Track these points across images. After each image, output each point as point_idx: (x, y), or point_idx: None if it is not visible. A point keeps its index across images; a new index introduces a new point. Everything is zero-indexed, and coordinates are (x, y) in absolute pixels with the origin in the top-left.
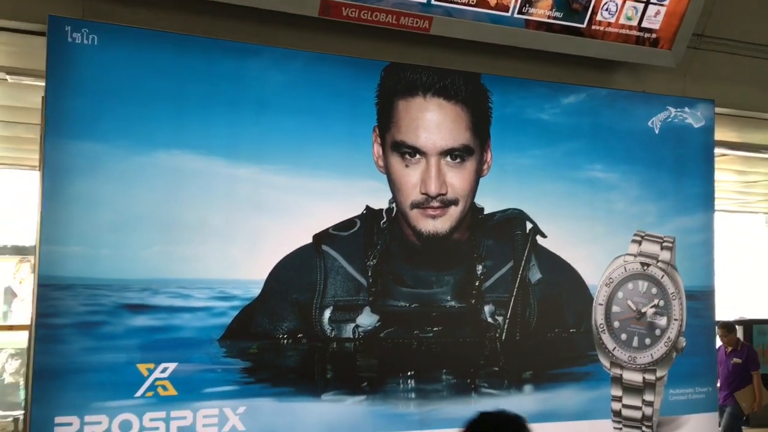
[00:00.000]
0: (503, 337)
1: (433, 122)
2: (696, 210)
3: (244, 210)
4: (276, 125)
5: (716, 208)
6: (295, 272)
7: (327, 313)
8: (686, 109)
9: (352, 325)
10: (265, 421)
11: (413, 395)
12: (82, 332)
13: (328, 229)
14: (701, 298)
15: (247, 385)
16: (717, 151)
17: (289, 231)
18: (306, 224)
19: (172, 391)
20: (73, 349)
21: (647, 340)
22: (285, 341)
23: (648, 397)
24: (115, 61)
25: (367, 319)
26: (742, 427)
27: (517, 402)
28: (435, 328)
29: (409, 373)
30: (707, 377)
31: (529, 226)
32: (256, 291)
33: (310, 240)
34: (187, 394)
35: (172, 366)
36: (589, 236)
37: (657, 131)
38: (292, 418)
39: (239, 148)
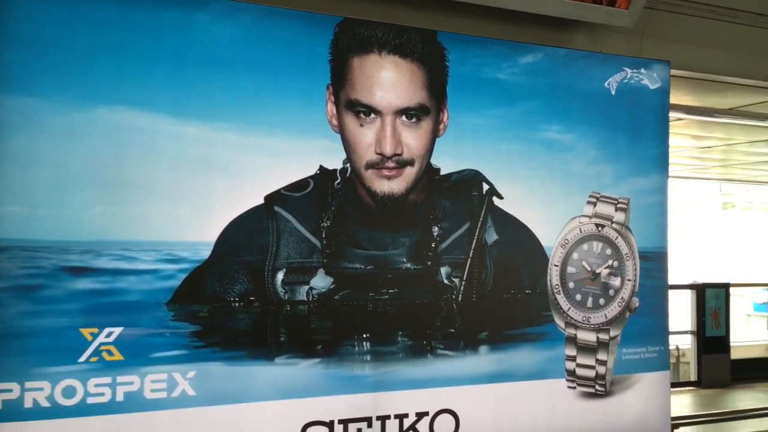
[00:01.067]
0: (459, 299)
1: (388, 80)
2: (651, 172)
3: (193, 169)
4: (226, 81)
5: (672, 174)
6: (247, 234)
7: (280, 276)
8: (642, 70)
9: (306, 287)
10: (217, 386)
11: (368, 357)
12: (20, 296)
13: (280, 189)
14: (654, 259)
15: (197, 349)
16: (672, 115)
17: (240, 191)
18: (258, 184)
19: (117, 356)
20: (10, 313)
21: (601, 301)
22: (236, 304)
23: (601, 356)
24: (53, 12)
25: (321, 282)
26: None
27: (473, 363)
28: (391, 290)
29: (364, 336)
30: (660, 337)
31: (485, 187)
32: (206, 253)
33: (261, 201)
34: (134, 359)
35: (117, 330)
36: (546, 197)
37: (613, 92)
38: (245, 382)
39: (186, 105)
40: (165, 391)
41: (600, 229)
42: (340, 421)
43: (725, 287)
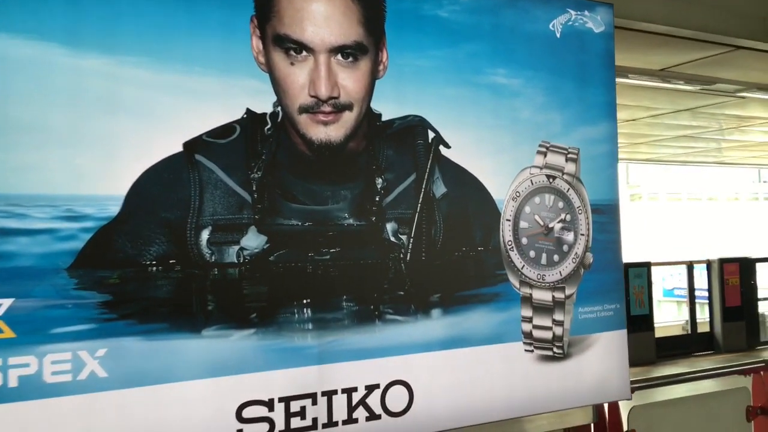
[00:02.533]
0: (408, 258)
1: (320, 14)
2: (599, 120)
3: (96, 110)
4: (132, 7)
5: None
6: (164, 186)
7: (204, 235)
8: (586, 13)
9: (236, 247)
10: (133, 365)
11: (310, 326)
12: None
13: (201, 135)
14: (606, 212)
15: (108, 322)
16: (618, 81)
17: (154, 137)
18: (174, 129)
19: (9, 333)
20: None
21: (555, 257)
22: (154, 268)
23: (558, 316)
24: None
25: (253, 241)
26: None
27: (425, 329)
28: (332, 250)
29: (304, 301)
30: (615, 294)
31: (431, 135)
32: (115, 209)
33: (180, 148)
34: (30, 336)
35: (7, 302)
36: (495, 147)
37: (558, 35)
38: (167, 358)
39: (84, 34)
40: (70, 374)
41: (551, 180)
42: (281, 399)
43: (647, 266)
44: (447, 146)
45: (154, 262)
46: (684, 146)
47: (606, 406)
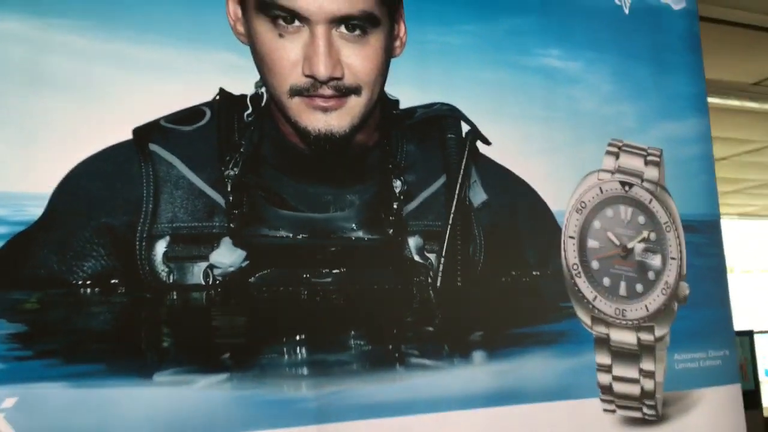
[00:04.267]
0: (438, 283)
1: None
2: (686, 114)
3: (13, 84)
4: None
5: None
6: (105, 183)
7: (160, 247)
8: None
9: (203, 265)
10: (54, 421)
11: (305, 371)
12: None
13: (159, 120)
14: (703, 230)
15: (21, 361)
16: None
17: (94, 120)
18: (123, 111)
19: None
20: None
21: (639, 287)
22: (87, 290)
23: (647, 365)
24: None
25: (226, 256)
26: None
27: (464, 377)
28: (335, 270)
29: (297, 338)
30: (722, 336)
31: (465, 128)
32: (37, 211)
33: (128, 135)
34: None
35: None
36: (549, 145)
37: (627, 10)
38: (103, 413)
39: None
40: None
41: (627, 188)
42: None
43: (749, 335)
44: (487, 142)
45: (88, 282)
46: None
47: None
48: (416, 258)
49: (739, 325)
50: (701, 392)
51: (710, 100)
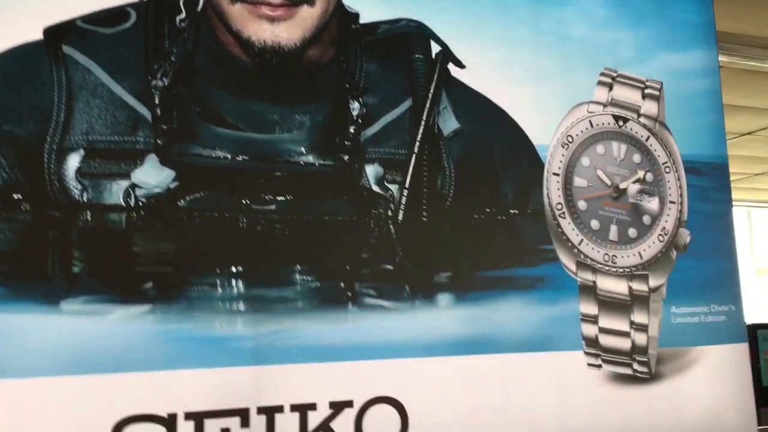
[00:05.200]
0: (400, 217)
1: None
2: (692, 45)
3: None
4: None
5: None
6: (10, 87)
7: (73, 161)
8: None
9: (124, 184)
10: None
11: (241, 306)
12: None
13: (75, 20)
14: (709, 173)
15: None
16: None
17: None
18: (33, 7)
19: None
20: None
21: (632, 232)
22: None
23: (639, 317)
24: None
25: (152, 176)
26: None
27: (428, 322)
28: (280, 198)
29: (233, 269)
30: (727, 290)
31: (435, 48)
32: None
33: (38, 36)
34: None
35: None
36: (533, 72)
37: None
38: (2, 342)
39: None
40: None
41: (622, 123)
42: (189, 416)
43: None
44: (460, 65)
45: None
46: None
47: None
48: (375, 188)
49: (760, 316)
50: (701, 350)
51: (728, 59)
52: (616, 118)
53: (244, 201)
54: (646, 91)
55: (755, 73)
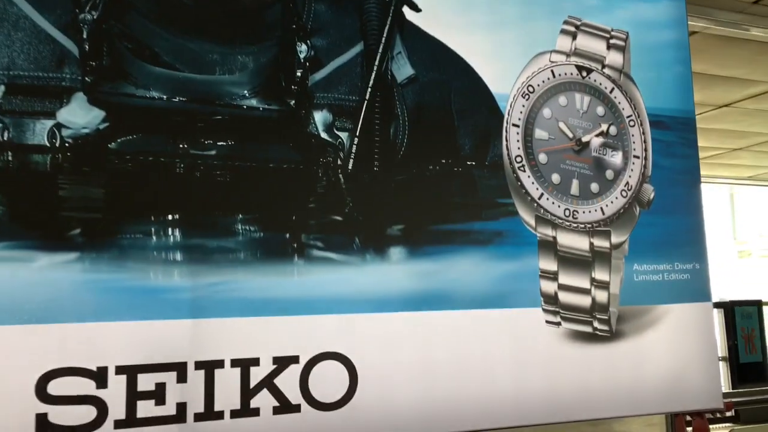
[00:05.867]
0: (350, 166)
1: None
2: None
3: None
4: None
5: None
6: None
7: None
8: None
9: (49, 123)
10: None
11: (178, 256)
12: None
13: None
14: (675, 128)
15: None
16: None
17: None
18: None
19: None
20: None
21: (594, 186)
22: None
23: (600, 274)
24: None
25: (79, 115)
26: None
27: (378, 276)
28: (221, 143)
29: (169, 217)
30: (692, 248)
31: None
32: None
33: None
34: None
35: None
36: (493, 18)
37: None
38: None
39: None
40: None
41: (585, 74)
42: (121, 370)
43: (757, 304)
44: (416, 8)
45: None
46: None
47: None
48: (323, 135)
49: (748, 294)
50: (664, 308)
51: (704, 24)
52: (580, 68)
53: (181, 145)
54: (612, 41)
55: (733, 39)
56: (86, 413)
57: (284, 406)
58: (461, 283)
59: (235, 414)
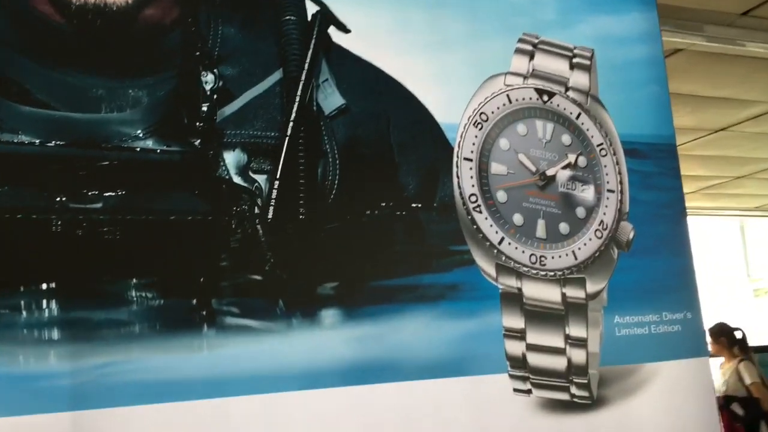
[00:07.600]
0: (270, 215)
1: None
2: (626, 6)
3: None
4: None
5: None
6: None
7: None
8: None
9: None
10: None
11: (56, 333)
12: None
13: None
14: (654, 156)
15: None
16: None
17: None
18: None
19: None
20: None
21: (563, 227)
22: None
23: (576, 330)
24: None
25: None
26: None
27: (311, 344)
28: (108, 194)
29: (44, 286)
30: (682, 293)
31: (312, 8)
32: None
33: None
34: None
35: None
36: (436, 38)
37: None
38: None
39: None
40: None
41: (546, 98)
42: None
43: None
44: (344, 30)
45: None
46: None
47: None
48: (236, 180)
49: (758, 340)
50: (653, 367)
51: (689, 40)
52: (540, 92)
53: (57, 198)
54: (575, 60)
55: (723, 56)
56: None
57: None
58: (410, 348)
59: None
